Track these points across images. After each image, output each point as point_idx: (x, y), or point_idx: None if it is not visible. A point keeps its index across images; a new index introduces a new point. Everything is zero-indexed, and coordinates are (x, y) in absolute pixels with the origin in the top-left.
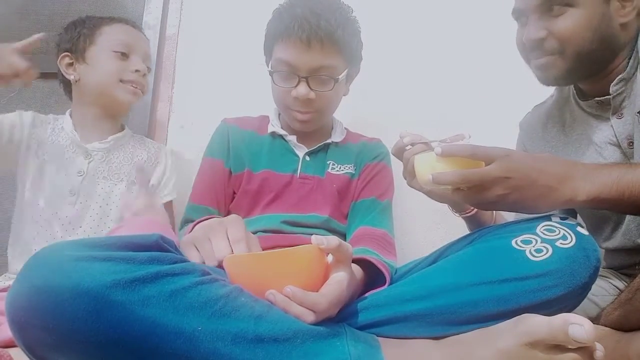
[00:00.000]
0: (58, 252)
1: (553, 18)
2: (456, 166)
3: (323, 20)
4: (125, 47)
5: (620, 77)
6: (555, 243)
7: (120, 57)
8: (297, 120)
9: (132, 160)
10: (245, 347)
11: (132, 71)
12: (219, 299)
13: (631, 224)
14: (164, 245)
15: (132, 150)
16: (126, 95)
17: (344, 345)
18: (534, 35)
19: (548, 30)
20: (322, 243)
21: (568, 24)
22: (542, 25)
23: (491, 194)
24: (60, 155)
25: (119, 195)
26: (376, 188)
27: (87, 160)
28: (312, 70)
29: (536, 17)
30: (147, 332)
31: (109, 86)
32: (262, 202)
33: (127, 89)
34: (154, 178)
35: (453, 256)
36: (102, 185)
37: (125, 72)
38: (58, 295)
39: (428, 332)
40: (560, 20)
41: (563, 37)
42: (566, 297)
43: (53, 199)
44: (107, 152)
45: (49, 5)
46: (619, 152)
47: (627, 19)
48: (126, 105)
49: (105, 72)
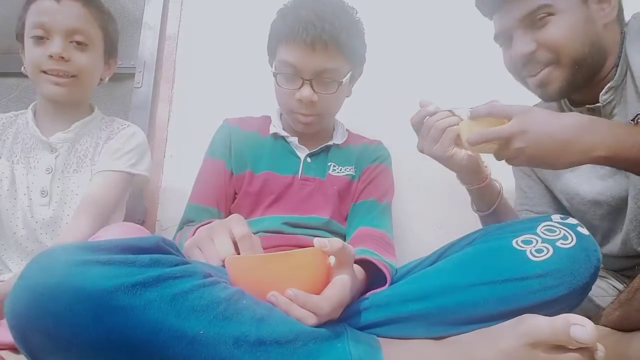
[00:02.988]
0: (57, 256)
1: (538, 30)
2: (485, 127)
3: (327, 23)
4: (40, 29)
5: (609, 85)
6: (556, 243)
7: (38, 42)
8: (299, 122)
9: (97, 142)
10: (247, 350)
11: (47, 57)
12: (220, 302)
13: (632, 233)
14: (165, 247)
15: (97, 132)
16: (48, 88)
17: (344, 346)
18: (523, 49)
19: (537, 42)
20: (325, 246)
21: (556, 32)
22: (529, 38)
23: (511, 148)
24: (27, 154)
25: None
26: (376, 190)
27: (53, 155)
28: (316, 73)
29: (521, 32)
30: (148, 337)
31: (35, 80)
32: (264, 204)
33: (48, 79)
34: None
35: (453, 256)
36: (74, 180)
37: (43, 60)
38: (59, 300)
39: (428, 332)
40: (546, 30)
41: (555, 46)
42: (567, 297)
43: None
44: (72, 143)
45: None
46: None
47: (609, 19)
48: (53, 98)
49: (29, 64)
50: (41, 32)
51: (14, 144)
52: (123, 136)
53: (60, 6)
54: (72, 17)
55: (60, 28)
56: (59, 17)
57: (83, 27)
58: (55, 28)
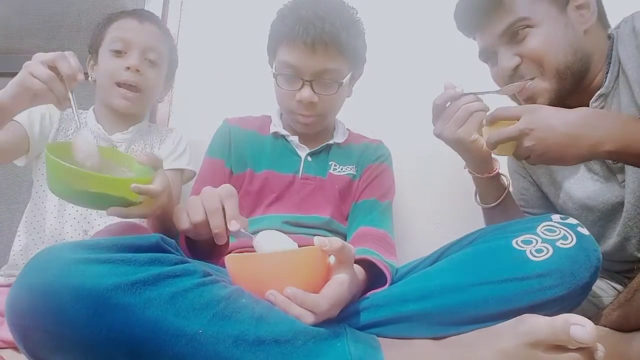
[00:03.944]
0: (58, 254)
1: (519, 43)
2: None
3: (328, 24)
4: (121, 43)
5: (599, 92)
6: (556, 243)
7: (116, 55)
8: (300, 122)
9: (151, 145)
10: (246, 349)
11: (124, 69)
12: (220, 300)
13: (633, 239)
14: (165, 246)
15: (149, 137)
16: (118, 101)
17: (344, 346)
18: (508, 64)
19: (520, 55)
20: (325, 245)
21: (536, 43)
22: (511, 53)
23: (522, 147)
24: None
25: None
26: (377, 189)
27: None
28: (316, 74)
29: (503, 48)
30: (148, 335)
31: (106, 90)
32: (264, 203)
33: (120, 93)
34: (161, 152)
35: (453, 256)
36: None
37: (119, 71)
38: (59, 298)
39: (428, 332)
40: (526, 42)
41: (536, 57)
42: (567, 297)
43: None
44: (129, 143)
45: (49, 5)
46: (605, 167)
47: (589, 25)
48: (121, 110)
49: (103, 74)
50: (121, 46)
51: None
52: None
53: (142, 26)
54: (149, 37)
55: (139, 44)
56: (140, 35)
57: (157, 47)
58: (134, 44)
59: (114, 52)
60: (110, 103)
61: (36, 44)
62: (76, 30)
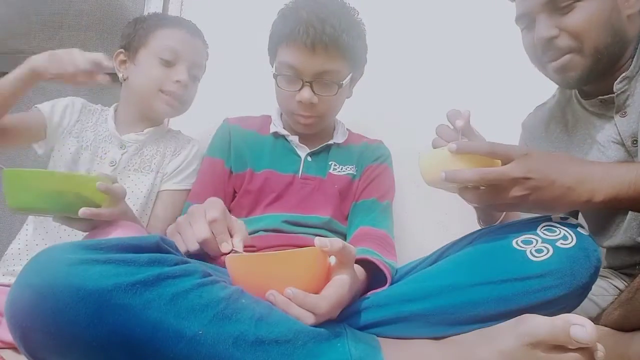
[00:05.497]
0: (58, 255)
1: (563, 15)
2: (470, 164)
3: (328, 25)
4: (172, 54)
5: (624, 75)
6: (556, 243)
7: (165, 64)
8: (299, 123)
9: (164, 152)
10: (246, 349)
11: (173, 81)
12: (220, 301)
13: (633, 222)
14: (165, 247)
15: (164, 143)
16: (162, 107)
17: (344, 346)
18: (545, 33)
19: (559, 28)
20: (326, 246)
21: (580, 19)
22: (552, 23)
23: (509, 194)
24: (97, 144)
25: (147, 186)
26: (377, 189)
27: (121, 151)
28: (316, 75)
29: (544, 16)
30: (148, 336)
31: (148, 93)
32: (264, 202)
33: (165, 99)
34: (169, 167)
35: (453, 256)
36: (132, 177)
37: (167, 81)
38: (59, 299)
39: (428, 332)
40: (571, 16)
41: (578, 33)
42: (567, 297)
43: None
44: (141, 145)
45: (49, 5)
46: (622, 151)
47: (633, 11)
48: (161, 116)
49: (147, 78)
50: (171, 57)
51: (90, 131)
52: (189, 154)
53: (192, 40)
54: (197, 53)
55: (187, 59)
56: (190, 49)
57: (202, 64)
58: (184, 58)
59: (163, 60)
60: (151, 106)
61: (36, 44)
62: (76, 30)
